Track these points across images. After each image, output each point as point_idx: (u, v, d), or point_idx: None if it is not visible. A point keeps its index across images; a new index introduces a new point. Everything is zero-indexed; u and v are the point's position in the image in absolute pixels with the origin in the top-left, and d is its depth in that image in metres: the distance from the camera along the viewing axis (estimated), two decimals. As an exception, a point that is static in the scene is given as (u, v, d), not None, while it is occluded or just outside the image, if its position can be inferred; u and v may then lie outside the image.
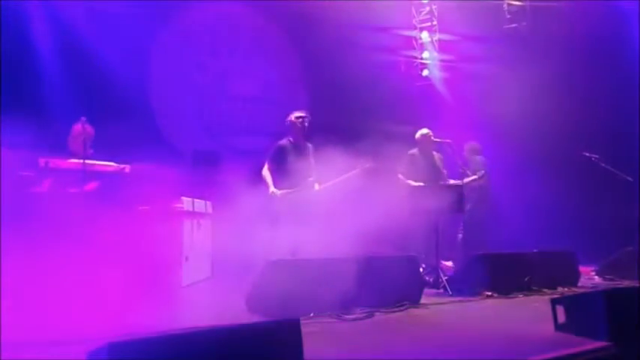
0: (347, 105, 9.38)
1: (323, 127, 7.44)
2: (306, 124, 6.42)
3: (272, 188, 6.24)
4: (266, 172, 6.38)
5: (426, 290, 5.77)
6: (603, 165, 7.60)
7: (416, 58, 10.97)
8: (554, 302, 3.99)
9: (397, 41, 10.76)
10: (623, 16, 9.05)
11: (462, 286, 6.04)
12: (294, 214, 6.07)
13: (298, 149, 6.43)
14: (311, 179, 6.38)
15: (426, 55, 10.94)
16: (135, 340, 2.45)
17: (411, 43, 11.00)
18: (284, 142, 6.47)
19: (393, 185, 7.01)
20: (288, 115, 6.49)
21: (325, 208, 6.16)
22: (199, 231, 6.79)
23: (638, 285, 5.64)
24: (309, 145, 6.52)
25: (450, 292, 6.03)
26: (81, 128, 5.98)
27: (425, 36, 10.94)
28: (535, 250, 6.63)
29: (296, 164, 6.32)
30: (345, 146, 6.85)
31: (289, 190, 6.25)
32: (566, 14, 9.22)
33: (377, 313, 4.71)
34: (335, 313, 4.58)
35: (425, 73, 10.96)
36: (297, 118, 6.41)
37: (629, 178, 7.53)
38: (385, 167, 6.85)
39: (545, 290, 6.03)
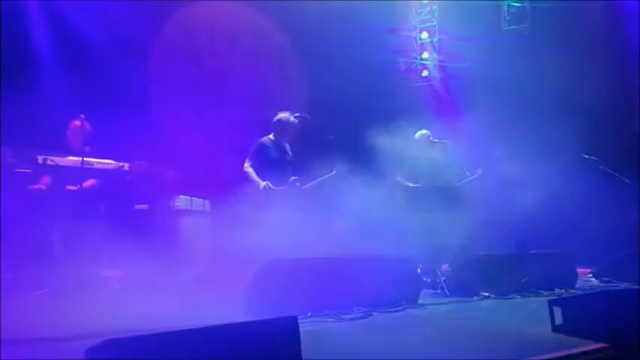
0: (345, 105, 9.37)
1: (321, 127, 7.44)
2: (294, 125, 6.49)
3: (263, 183, 6.25)
4: (250, 169, 6.39)
5: (424, 291, 5.77)
6: (602, 167, 7.61)
7: (416, 58, 10.98)
8: (551, 303, 3.99)
9: (397, 41, 10.76)
10: (624, 15, 9.05)
11: (460, 286, 6.05)
12: (286, 211, 6.09)
13: (280, 148, 6.49)
14: (293, 178, 6.42)
15: (425, 55, 10.94)
16: (132, 338, 2.45)
17: (411, 43, 11.00)
18: (265, 139, 6.52)
19: (388, 186, 7.03)
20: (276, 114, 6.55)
21: (311, 208, 6.17)
22: (197, 229, 6.79)
23: (635, 287, 5.64)
24: (287, 145, 6.60)
25: (448, 293, 6.04)
26: (79, 125, 5.99)
27: (425, 36, 10.95)
28: (532, 251, 6.63)
29: (278, 162, 6.38)
30: (342, 145, 6.86)
31: (279, 188, 6.26)
32: (567, 15, 9.22)
33: (374, 313, 4.71)
34: (332, 312, 4.58)
35: (424, 73, 10.96)
36: (286, 119, 6.46)
37: (627, 180, 7.53)
38: (359, 169, 6.89)
39: (542, 291, 6.04)
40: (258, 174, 6.34)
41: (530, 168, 8.83)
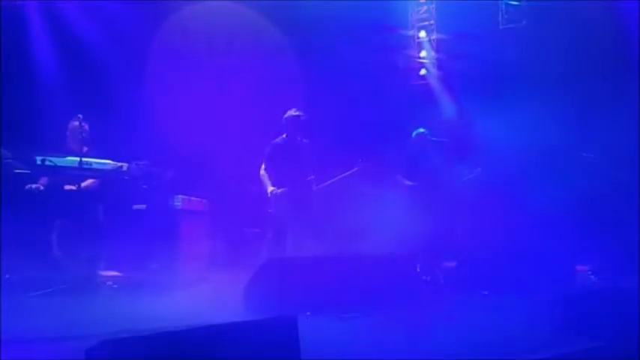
0: (345, 104, 9.37)
1: (320, 127, 7.44)
2: (303, 121, 6.39)
3: (271, 187, 6.19)
4: (263, 172, 6.30)
5: (424, 289, 5.77)
6: (601, 165, 7.62)
7: (414, 57, 10.97)
8: (551, 302, 3.99)
9: (395, 40, 10.75)
10: (624, 15, 9.04)
11: (459, 284, 6.05)
12: (293, 212, 6.07)
13: (294, 147, 6.35)
14: (310, 178, 6.34)
15: (423, 54, 10.94)
16: (132, 337, 2.45)
17: (409, 42, 10.99)
18: (279, 140, 6.41)
19: (390, 184, 7.04)
20: (284, 112, 6.46)
21: (323, 208, 6.16)
22: (196, 229, 6.79)
23: (634, 285, 5.64)
24: (306, 142, 6.43)
25: (447, 291, 6.04)
26: (78, 126, 5.98)
27: (422, 35, 10.94)
28: (532, 249, 6.63)
29: (293, 162, 6.27)
30: (342, 145, 6.86)
31: (288, 190, 6.21)
32: (564, 14, 9.22)
33: (374, 312, 4.71)
34: (332, 311, 4.57)
35: (422, 72, 10.95)
36: (294, 115, 6.36)
37: (626, 177, 7.54)
38: (380, 166, 6.87)
39: (541, 289, 6.03)
40: (273, 176, 6.26)
41: (528, 166, 8.85)
